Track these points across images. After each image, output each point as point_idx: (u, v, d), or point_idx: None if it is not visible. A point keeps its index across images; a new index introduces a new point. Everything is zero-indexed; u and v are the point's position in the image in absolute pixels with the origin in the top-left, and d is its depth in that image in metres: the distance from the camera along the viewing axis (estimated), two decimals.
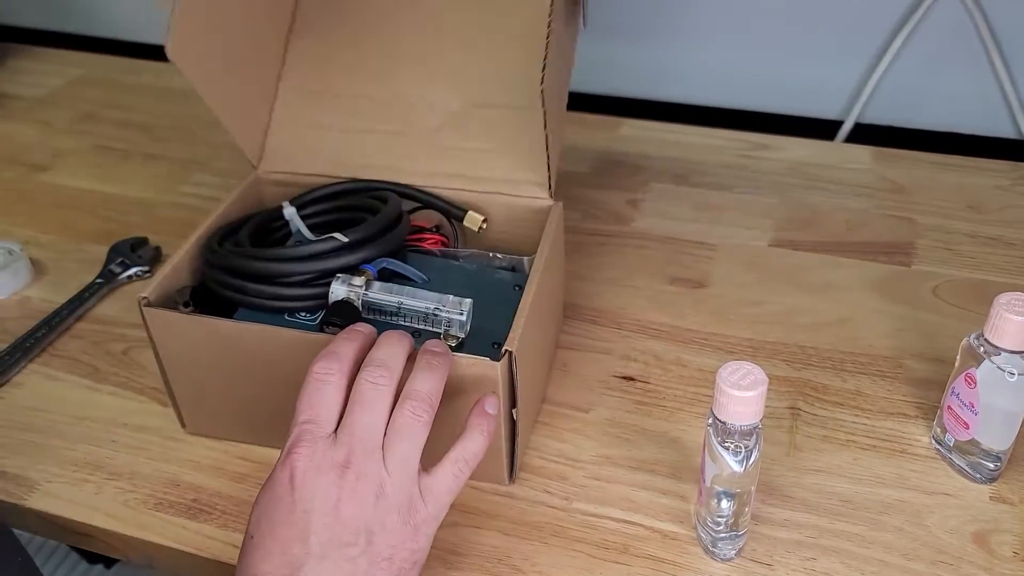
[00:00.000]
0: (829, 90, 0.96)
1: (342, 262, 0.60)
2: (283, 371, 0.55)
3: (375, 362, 0.48)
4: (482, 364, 0.53)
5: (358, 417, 0.47)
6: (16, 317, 0.76)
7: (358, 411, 0.47)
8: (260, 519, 0.46)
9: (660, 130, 0.97)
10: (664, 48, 0.98)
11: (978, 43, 0.88)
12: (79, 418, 0.66)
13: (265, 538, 0.45)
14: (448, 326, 0.58)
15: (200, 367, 0.60)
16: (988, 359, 0.53)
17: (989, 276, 0.76)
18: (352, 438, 0.46)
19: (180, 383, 0.62)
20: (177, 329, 0.59)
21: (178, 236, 0.84)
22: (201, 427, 0.64)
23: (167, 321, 0.58)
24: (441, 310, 0.58)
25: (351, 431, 0.46)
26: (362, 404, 0.47)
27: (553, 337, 0.70)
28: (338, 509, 0.45)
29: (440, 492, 0.48)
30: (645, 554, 0.55)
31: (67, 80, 1.14)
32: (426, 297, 0.59)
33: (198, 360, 0.60)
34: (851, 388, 0.66)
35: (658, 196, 0.88)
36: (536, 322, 0.59)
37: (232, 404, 0.62)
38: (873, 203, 0.85)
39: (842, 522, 0.56)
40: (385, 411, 0.47)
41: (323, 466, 0.45)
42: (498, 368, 0.53)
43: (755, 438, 0.49)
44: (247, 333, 0.57)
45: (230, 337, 0.58)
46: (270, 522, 0.45)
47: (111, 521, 0.59)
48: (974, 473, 0.58)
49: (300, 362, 0.50)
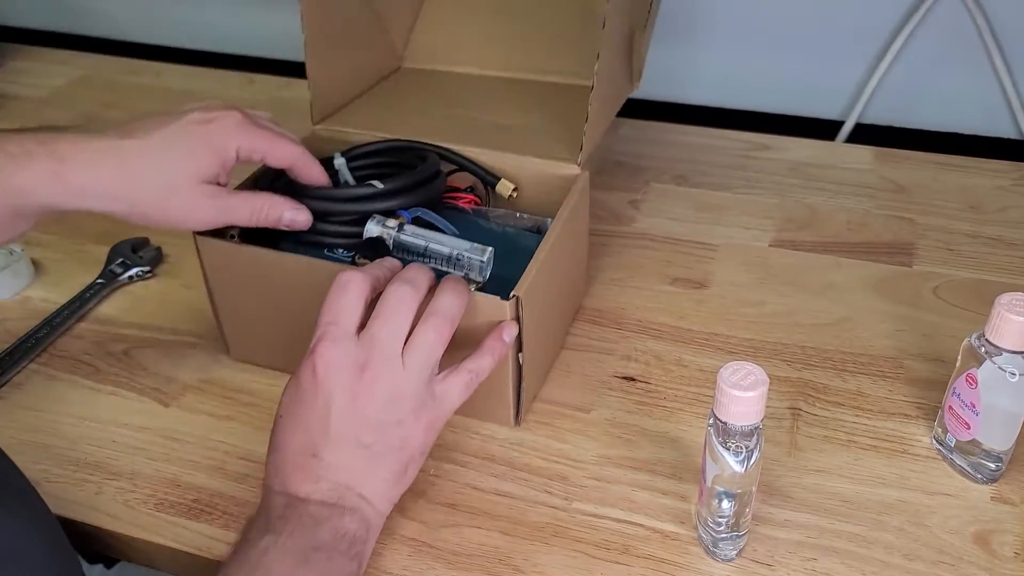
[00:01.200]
0: (830, 90, 0.96)
1: (380, 206, 0.65)
2: (318, 301, 0.58)
3: (402, 279, 0.54)
4: (492, 302, 0.57)
5: (381, 324, 0.52)
6: (17, 317, 0.76)
7: (382, 319, 0.52)
8: (289, 403, 0.52)
9: (660, 130, 0.97)
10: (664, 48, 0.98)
11: (978, 43, 0.88)
12: (80, 418, 0.66)
13: (292, 417, 0.51)
14: (469, 269, 0.63)
15: (245, 295, 0.66)
16: (989, 359, 0.53)
17: (990, 276, 0.76)
18: (373, 343, 0.51)
19: (227, 310, 0.68)
20: (226, 257, 0.64)
21: (179, 236, 0.84)
22: (244, 354, 0.70)
23: (218, 249, 0.64)
24: (464, 254, 0.63)
25: (373, 336, 0.51)
26: (386, 313, 0.52)
27: (571, 297, 0.73)
28: (355, 404, 0.51)
29: (450, 397, 0.54)
30: (646, 554, 0.55)
31: (68, 80, 1.14)
32: (451, 242, 0.63)
33: (244, 288, 0.65)
34: (852, 388, 0.66)
35: (659, 196, 0.88)
36: (549, 276, 0.63)
37: (272, 331, 0.67)
38: (874, 203, 0.85)
39: (843, 522, 0.56)
40: (407, 322, 0.52)
41: (344, 363, 0.51)
42: (506, 308, 0.56)
43: (756, 438, 0.49)
44: (287, 262, 0.62)
45: (272, 265, 0.63)
46: (296, 406, 0.51)
47: (112, 521, 0.59)
48: (975, 473, 0.58)
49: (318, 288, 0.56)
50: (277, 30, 1.13)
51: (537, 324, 0.61)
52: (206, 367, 0.70)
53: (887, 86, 0.93)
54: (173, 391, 0.68)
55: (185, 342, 0.73)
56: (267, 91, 1.09)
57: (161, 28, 1.20)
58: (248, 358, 0.70)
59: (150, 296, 0.78)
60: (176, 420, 0.66)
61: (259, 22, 1.14)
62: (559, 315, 0.69)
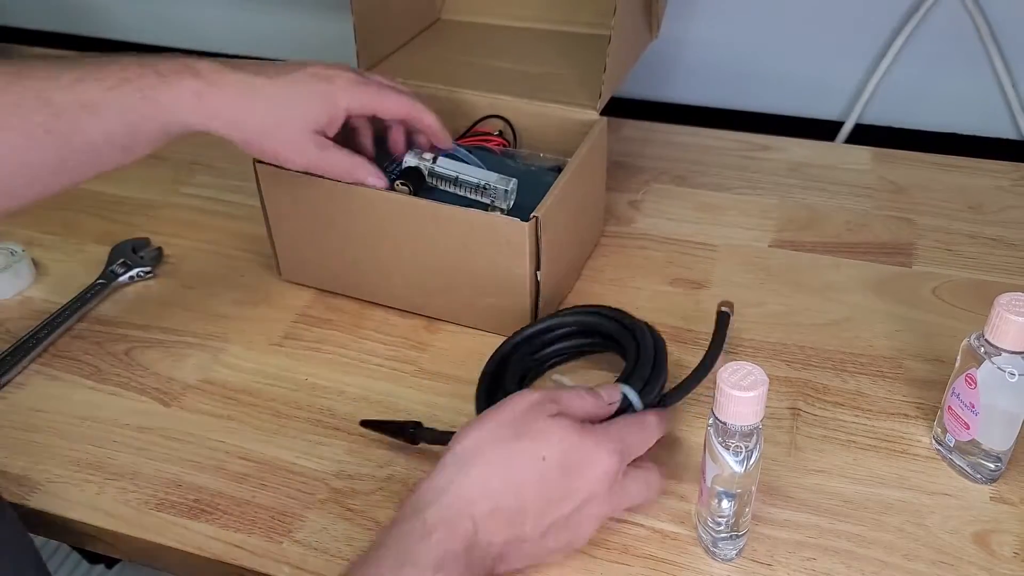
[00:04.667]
0: (829, 90, 0.96)
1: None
2: (362, 224, 0.70)
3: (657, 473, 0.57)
4: (513, 224, 0.64)
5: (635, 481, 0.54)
6: (18, 317, 0.76)
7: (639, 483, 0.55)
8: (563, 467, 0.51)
9: (660, 130, 0.97)
10: (664, 48, 0.98)
11: (978, 43, 0.88)
12: (81, 418, 0.67)
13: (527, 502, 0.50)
14: (495, 197, 0.70)
15: (297, 218, 0.73)
16: (988, 360, 0.54)
17: (989, 277, 0.76)
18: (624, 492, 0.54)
19: (281, 234, 0.75)
20: (283, 182, 0.71)
21: (180, 237, 0.84)
22: (294, 275, 0.77)
23: (275, 175, 0.70)
24: (491, 183, 0.70)
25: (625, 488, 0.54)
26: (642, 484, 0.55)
27: (588, 231, 0.79)
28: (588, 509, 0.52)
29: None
30: (645, 554, 0.55)
31: None
32: (480, 173, 0.71)
33: (297, 212, 0.72)
34: (851, 388, 0.66)
35: (659, 197, 0.88)
36: (567, 204, 0.70)
37: (320, 253, 0.74)
38: (873, 203, 0.85)
39: (842, 522, 0.56)
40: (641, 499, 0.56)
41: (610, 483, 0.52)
42: (526, 229, 0.63)
43: (756, 438, 0.49)
44: (337, 188, 0.68)
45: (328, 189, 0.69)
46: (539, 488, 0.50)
47: (112, 521, 0.59)
48: (975, 473, 0.58)
49: (376, 215, 0.69)
50: (277, 30, 1.13)
51: (554, 246, 0.68)
52: (206, 367, 0.70)
53: (887, 86, 0.93)
54: (173, 391, 0.68)
55: (185, 342, 0.73)
56: None
57: (161, 28, 1.20)
58: (297, 279, 0.77)
59: (151, 296, 0.78)
60: (176, 420, 0.66)
61: (259, 22, 1.14)
62: (576, 245, 0.76)
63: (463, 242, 0.67)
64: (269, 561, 0.56)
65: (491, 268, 0.67)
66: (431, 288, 0.71)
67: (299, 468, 0.62)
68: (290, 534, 0.57)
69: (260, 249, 0.81)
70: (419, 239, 0.69)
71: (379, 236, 0.70)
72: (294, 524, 0.58)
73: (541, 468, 0.50)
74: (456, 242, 0.67)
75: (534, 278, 0.67)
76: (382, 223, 0.69)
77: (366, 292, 0.75)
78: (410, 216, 0.68)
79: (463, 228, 0.67)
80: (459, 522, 0.48)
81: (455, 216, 0.66)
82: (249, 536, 0.57)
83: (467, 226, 0.66)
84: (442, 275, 0.70)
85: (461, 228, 0.67)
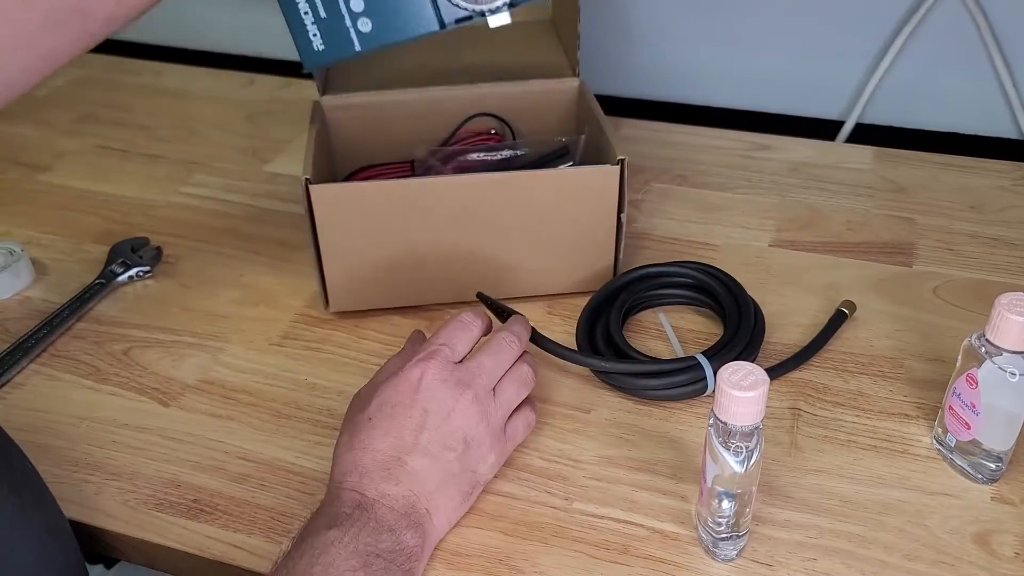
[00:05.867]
0: (830, 90, 0.96)
1: None
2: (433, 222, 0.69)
3: (512, 330, 0.60)
4: (603, 171, 0.69)
5: (488, 356, 0.57)
6: (17, 317, 0.76)
7: (490, 353, 0.57)
8: (382, 406, 0.54)
9: (660, 130, 0.97)
10: (664, 48, 0.98)
11: (978, 43, 0.88)
12: (80, 418, 0.66)
13: (384, 421, 0.54)
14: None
15: (354, 234, 0.69)
16: (989, 359, 0.53)
17: (990, 276, 0.76)
18: (478, 370, 0.56)
19: (332, 257, 0.70)
20: (338, 197, 0.68)
21: (179, 236, 0.84)
22: (344, 302, 0.73)
23: (330, 192, 0.67)
24: None
25: (479, 364, 0.57)
26: (494, 350, 0.58)
27: None
28: (450, 417, 0.54)
29: (516, 437, 0.59)
30: (645, 554, 0.55)
31: (68, 80, 1.13)
32: None
33: (353, 227, 0.69)
34: (852, 388, 0.66)
35: (659, 196, 0.88)
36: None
37: (379, 269, 0.71)
38: (874, 203, 0.85)
39: (843, 522, 0.56)
40: (507, 364, 0.58)
41: (448, 380, 0.55)
42: (615, 172, 0.68)
43: (756, 438, 0.49)
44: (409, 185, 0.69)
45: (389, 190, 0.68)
46: (391, 410, 0.54)
47: (112, 521, 0.59)
48: (975, 473, 0.58)
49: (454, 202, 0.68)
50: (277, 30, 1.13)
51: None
52: (205, 367, 0.70)
53: (887, 86, 0.93)
54: (173, 391, 0.68)
55: (185, 342, 0.73)
56: (267, 91, 1.09)
57: (161, 28, 1.20)
58: (348, 307, 0.74)
59: (150, 296, 0.78)
60: (176, 420, 0.66)
61: (259, 22, 1.14)
62: None
63: (552, 201, 0.69)
64: (269, 561, 0.56)
65: (575, 224, 0.70)
66: (512, 265, 0.72)
67: (299, 468, 0.62)
68: (290, 534, 0.57)
69: (260, 249, 0.81)
70: (504, 212, 0.70)
71: (456, 226, 0.70)
72: (294, 524, 0.58)
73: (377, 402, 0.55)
74: (540, 207, 0.70)
75: (619, 220, 0.71)
76: (463, 207, 0.69)
77: (432, 295, 0.74)
78: (494, 191, 0.69)
79: (551, 185, 0.69)
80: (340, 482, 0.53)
81: (539, 178, 0.70)
82: (249, 536, 0.57)
83: (556, 182, 0.69)
84: (525, 246, 0.72)
85: (548, 187, 0.69)
